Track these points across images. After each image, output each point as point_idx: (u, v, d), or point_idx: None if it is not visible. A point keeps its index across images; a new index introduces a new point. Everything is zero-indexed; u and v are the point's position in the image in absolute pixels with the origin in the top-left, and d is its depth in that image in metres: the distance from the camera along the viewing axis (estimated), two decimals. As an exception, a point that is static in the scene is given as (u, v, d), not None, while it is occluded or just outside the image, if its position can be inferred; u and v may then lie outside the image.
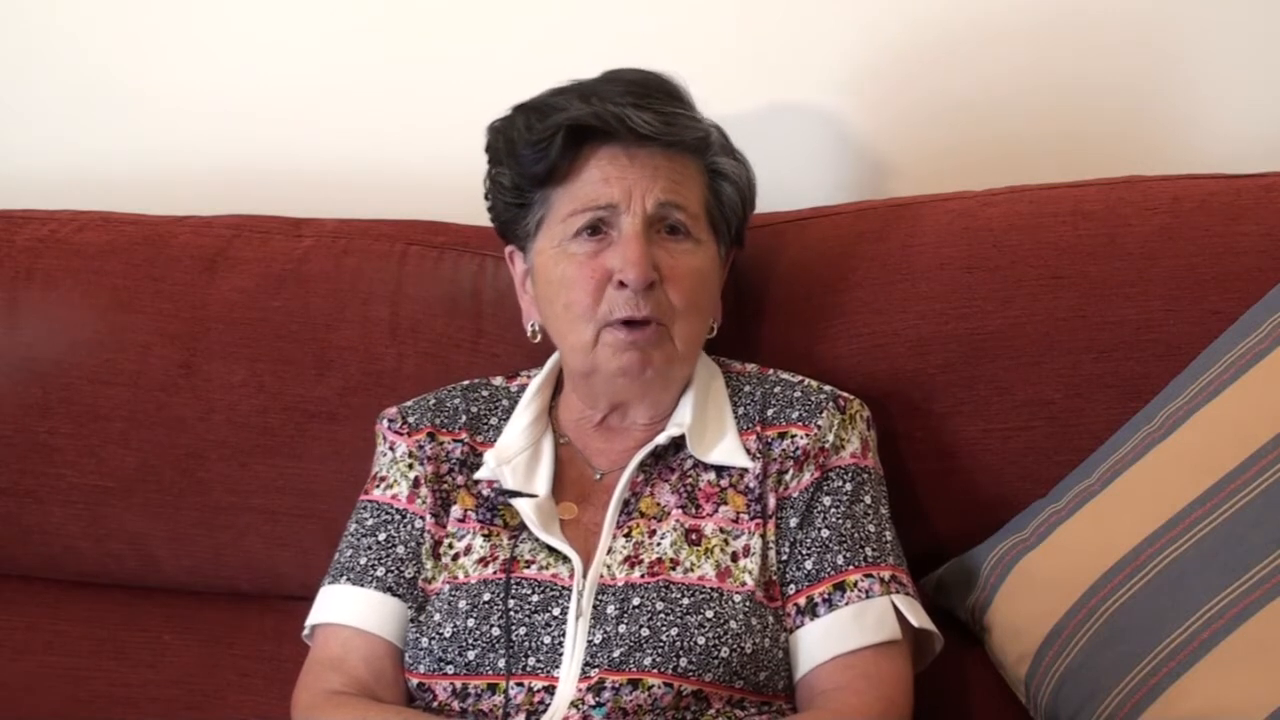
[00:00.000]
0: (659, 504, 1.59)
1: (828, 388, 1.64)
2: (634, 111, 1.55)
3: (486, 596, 1.55)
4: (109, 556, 1.86)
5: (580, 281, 1.56)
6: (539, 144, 1.57)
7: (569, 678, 1.49)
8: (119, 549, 1.86)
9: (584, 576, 1.54)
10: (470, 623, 1.53)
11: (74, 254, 1.86)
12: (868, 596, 1.54)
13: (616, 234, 1.57)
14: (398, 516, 1.63)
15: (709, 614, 1.50)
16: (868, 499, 1.59)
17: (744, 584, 1.53)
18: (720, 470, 1.60)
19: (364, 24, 2.05)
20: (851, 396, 1.65)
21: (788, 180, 1.88)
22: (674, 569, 1.54)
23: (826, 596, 1.54)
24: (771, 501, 1.58)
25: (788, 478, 1.59)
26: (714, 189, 1.63)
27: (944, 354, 1.72)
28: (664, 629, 1.49)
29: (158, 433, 1.82)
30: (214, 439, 1.82)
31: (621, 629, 1.50)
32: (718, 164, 1.63)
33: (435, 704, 1.54)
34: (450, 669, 1.53)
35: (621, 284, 1.55)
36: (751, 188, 1.67)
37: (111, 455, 1.83)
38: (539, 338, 1.66)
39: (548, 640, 1.51)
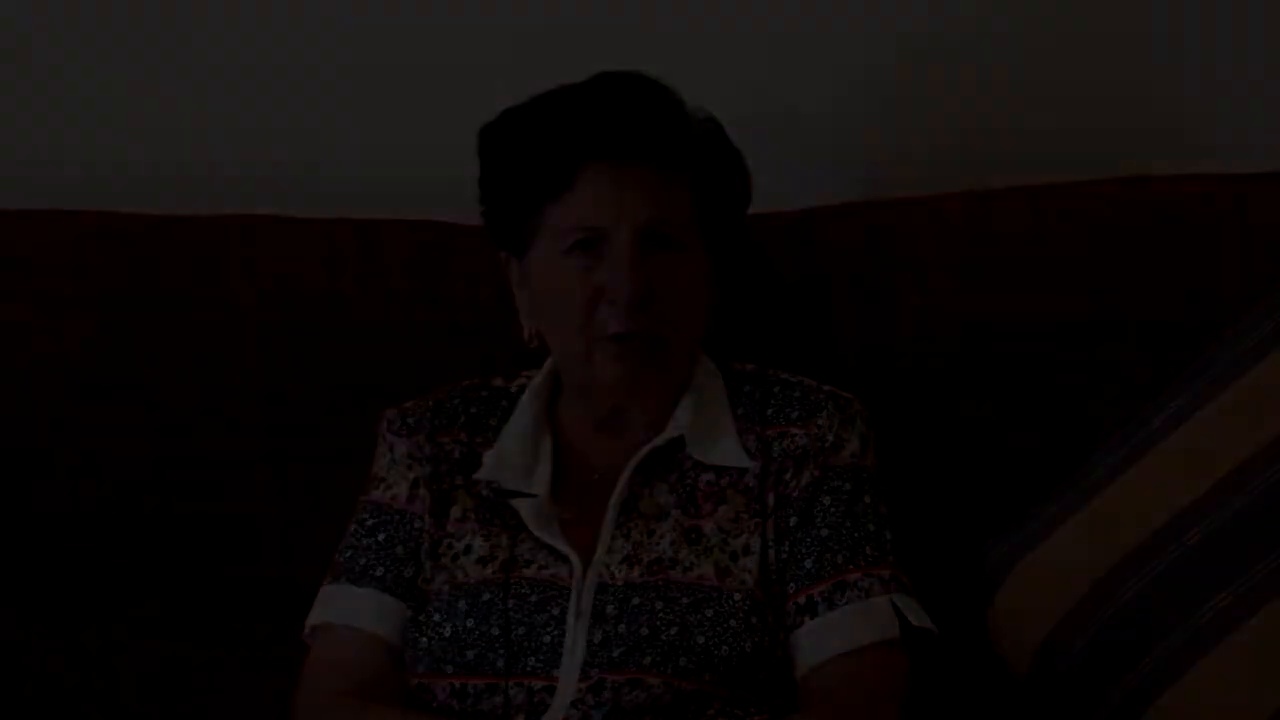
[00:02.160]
0: (658, 504, 1.59)
1: (827, 387, 1.64)
2: (620, 128, 1.54)
3: (486, 597, 1.55)
4: (110, 557, 1.86)
5: (572, 297, 1.56)
6: (526, 159, 1.57)
7: (569, 678, 1.48)
8: (120, 549, 1.85)
9: (583, 576, 1.54)
10: (470, 623, 1.53)
11: (73, 254, 1.86)
12: (867, 595, 1.54)
13: (608, 249, 1.56)
14: (397, 517, 1.63)
15: (709, 613, 1.50)
16: (867, 498, 1.59)
17: (744, 583, 1.53)
18: (720, 470, 1.60)
19: (364, 23, 2.05)
20: (851, 396, 1.64)
21: (788, 180, 1.88)
22: (673, 568, 1.54)
23: (826, 595, 1.54)
24: (771, 501, 1.58)
25: (787, 477, 1.58)
26: (705, 195, 1.62)
27: (944, 352, 1.72)
28: (664, 629, 1.49)
29: (157, 433, 1.82)
30: (214, 439, 1.82)
31: (621, 629, 1.50)
32: (707, 169, 1.62)
33: (435, 704, 1.53)
34: (450, 669, 1.53)
35: (613, 301, 1.55)
36: (745, 187, 1.67)
37: (112, 455, 1.83)
38: (536, 343, 1.66)
39: (547, 640, 1.51)
